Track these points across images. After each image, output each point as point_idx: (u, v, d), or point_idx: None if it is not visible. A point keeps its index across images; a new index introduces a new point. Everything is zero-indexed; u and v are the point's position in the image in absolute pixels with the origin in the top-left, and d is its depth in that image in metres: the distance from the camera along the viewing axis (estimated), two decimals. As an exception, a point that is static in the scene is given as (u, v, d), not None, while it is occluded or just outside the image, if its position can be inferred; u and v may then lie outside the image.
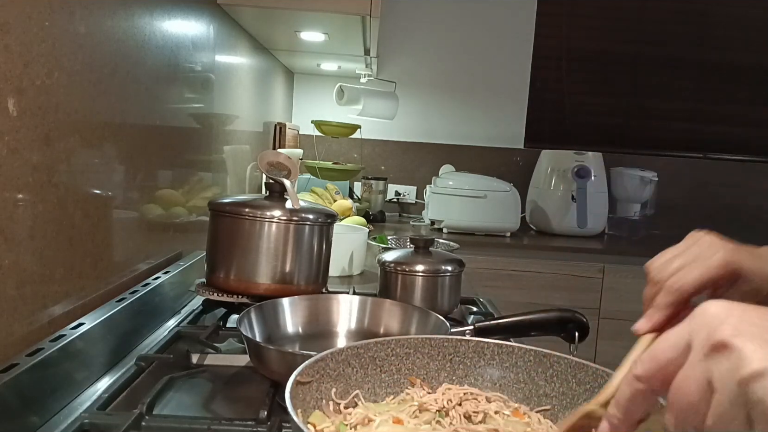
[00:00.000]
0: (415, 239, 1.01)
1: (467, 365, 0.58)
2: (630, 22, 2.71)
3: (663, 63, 2.73)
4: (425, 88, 2.70)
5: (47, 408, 0.59)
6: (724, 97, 2.74)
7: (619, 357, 0.44)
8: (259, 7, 1.38)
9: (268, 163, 0.92)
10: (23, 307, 0.64)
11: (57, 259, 0.70)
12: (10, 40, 0.59)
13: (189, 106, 1.19)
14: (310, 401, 0.49)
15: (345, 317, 0.82)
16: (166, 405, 0.64)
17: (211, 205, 0.90)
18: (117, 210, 0.87)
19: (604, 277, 2.08)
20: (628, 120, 2.76)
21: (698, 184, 2.71)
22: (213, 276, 0.89)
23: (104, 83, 0.80)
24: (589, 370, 0.54)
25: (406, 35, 2.67)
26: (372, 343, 0.56)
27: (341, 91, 2.29)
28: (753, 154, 2.74)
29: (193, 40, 1.19)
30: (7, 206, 0.60)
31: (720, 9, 2.70)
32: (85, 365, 0.67)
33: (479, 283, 2.04)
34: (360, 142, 2.66)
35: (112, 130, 0.83)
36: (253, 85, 1.81)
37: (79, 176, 0.74)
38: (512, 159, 2.70)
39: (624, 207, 2.51)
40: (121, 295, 0.83)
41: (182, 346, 0.79)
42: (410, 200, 2.71)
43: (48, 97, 0.66)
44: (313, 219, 0.89)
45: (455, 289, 1.00)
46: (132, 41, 0.89)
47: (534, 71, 2.70)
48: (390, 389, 0.56)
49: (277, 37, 1.79)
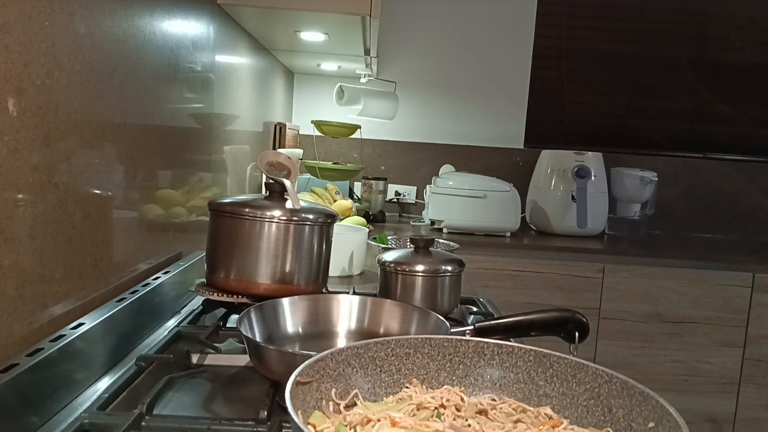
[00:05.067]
0: (415, 239, 1.01)
1: (467, 365, 0.58)
2: (630, 22, 2.71)
3: (663, 63, 2.73)
4: (425, 88, 2.70)
5: (47, 408, 0.59)
6: (724, 97, 2.74)
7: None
8: (259, 7, 1.38)
9: (268, 163, 0.92)
10: (23, 307, 0.64)
11: (57, 259, 0.70)
12: (10, 40, 0.59)
13: (189, 106, 1.19)
14: (310, 401, 0.49)
15: (345, 317, 0.82)
16: (166, 405, 0.64)
17: (211, 205, 0.90)
18: (117, 210, 0.87)
19: (604, 277, 2.08)
20: (628, 120, 2.76)
21: (698, 184, 2.71)
22: (213, 276, 0.89)
23: (104, 83, 0.80)
24: (589, 370, 0.54)
25: (406, 35, 2.67)
26: (372, 343, 0.56)
27: (341, 91, 2.29)
28: (753, 154, 2.74)
29: (193, 40, 1.19)
30: (7, 206, 0.60)
31: (720, 9, 2.70)
32: (85, 365, 0.67)
33: (479, 283, 2.04)
34: (360, 142, 2.66)
35: (112, 130, 0.83)
36: (253, 85, 1.81)
37: (79, 176, 0.74)
38: (512, 159, 2.70)
39: (624, 207, 2.51)
40: (121, 295, 0.83)
41: (182, 346, 0.79)
42: (410, 200, 2.71)
43: (48, 97, 0.66)
44: (313, 219, 0.89)
45: (455, 289, 1.00)
46: (132, 41, 0.89)
47: (534, 71, 2.70)
48: (390, 389, 0.56)
49: (277, 37, 1.79)
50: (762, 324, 2.10)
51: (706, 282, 2.09)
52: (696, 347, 2.11)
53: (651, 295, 2.09)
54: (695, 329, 2.10)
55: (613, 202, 2.47)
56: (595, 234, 2.36)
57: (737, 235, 2.72)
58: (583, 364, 0.54)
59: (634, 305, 2.09)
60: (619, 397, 0.50)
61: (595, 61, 2.73)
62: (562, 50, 2.72)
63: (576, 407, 0.53)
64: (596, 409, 0.52)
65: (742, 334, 2.10)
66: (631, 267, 2.09)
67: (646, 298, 2.09)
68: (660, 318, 2.09)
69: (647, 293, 2.09)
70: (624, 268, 2.08)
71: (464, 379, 0.57)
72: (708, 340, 2.10)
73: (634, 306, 2.09)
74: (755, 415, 2.12)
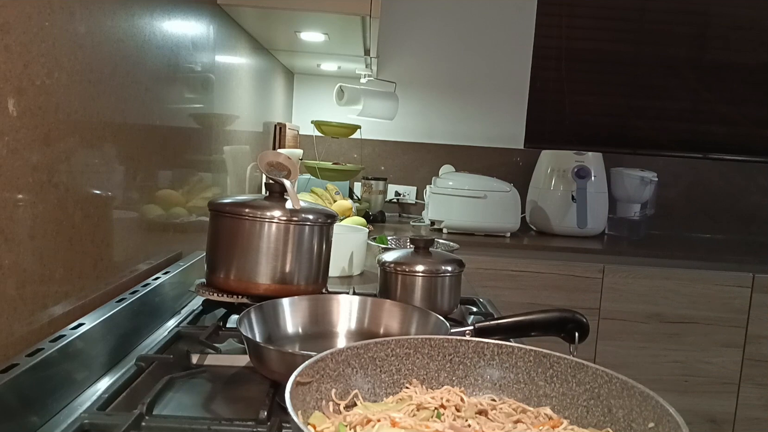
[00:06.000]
0: (415, 239, 1.01)
1: (467, 365, 0.58)
2: (630, 22, 2.71)
3: (663, 63, 2.73)
4: (425, 88, 2.70)
5: (47, 408, 0.59)
6: (724, 97, 2.74)
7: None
8: (259, 8, 1.38)
9: (268, 164, 0.92)
10: (23, 307, 0.64)
11: (57, 259, 0.70)
12: (10, 40, 0.59)
13: (189, 106, 1.19)
14: (310, 402, 0.49)
15: (345, 317, 0.82)
16: (166, 405, 0.64)
17: (211, 206, 0.90)
18: (117, 210, 0.87)
19: (604, 277, 2.08)
20: (628, 120, 2.76)
21: (698, 184, 2.72)
22: (213, 276, 0.89)
23: (104, 83, 0.80)
24: (589, 370, 0.54)
25: (406, 35, 2.67)
26: (372, 343, 0.56)
27: (341, 92, 2.29)
28: (753, 154, 2.74)
29: (193, 41, 1.19)
30: (7, 206, 0.60)
31: (720, 9, 2.70)
32: (85, 365, 0.67)
33: (479, 283, 2.04)
34: (360, 142, 2.66)
35: (112, 130, 0.83)
36: (253, 86, 1.81)
37: (79, 176, 0.74)
38: (512, 159, 2.70)
39: (624, 207, 2.51)
40: (121, 296, 0.83)
41: (182, 346, 0.79)
42: (410, 200, 2.71)
43: (48, 97, 0.66)
44: (313, 219, 0.89)
45: (455, 289, 1.00)
46: (132, 41, 0.89)
47: (534, 71, 2.70)
48: (390, 390, 0.56)
49: (277, 38, 1.79)
50: (762, 324, 2.10)
51: (706, 282, 2.09)
52: (696, 347, 2.11)
53: (651, 295, 2.09)
54: (695, 329, 2.10)
55: (613, 202, 2.47)
56: (595, 234, 2.36)
57: (737, 235, 2.72)
58: (583, 365, 0.54)
59: (634, 305, 2.09)
60: (619, 398, 0.50)
61: (595, 61, 2.73)
62: (562, 50, 2.72)
63: (576, 407, 0.53)
64: (596, 409, 0.52)
65: (742, 334, 2.10)
66: (631, 267, 2.09)
67: (646, 298, 2.09)
68: (660, 318, 2.09)
69: (647, 293, 2.09)
70: (624, 268, 2.09)
71: (464, 380, 0.57)
72: (708, 340, 2.10)
73: (634, 306, 2.09)
74: (755, 415, 2.12)
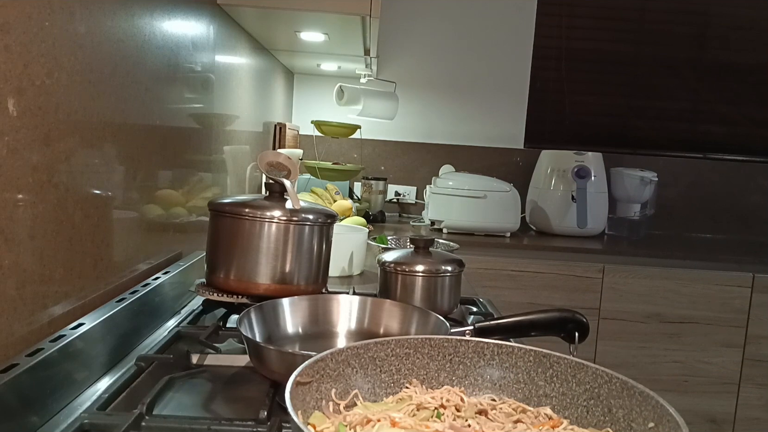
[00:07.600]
0: (415, 239, 1.01)
1: (467, 365, 0.58)
2: (630, 22, 2.71)
3: (663, 63, 2.73)
4: (425, 88, 2.70)
5: (47, 408, 0.59)
6: (724, 97, 2.74)
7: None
8: (259, 8, 1.38)
9: (268, 164, 0.92)
10: (23, 307, 0.64)
11: (57, 259, 0.70)
12: (10, 40, 0.59)
13: (189, 106, 1.19)
14: (310, 402, 0.49)
15: (345, 317, 0.82)
16: (166, 405, 0.64)
17: (211, 205, 0.90)
18: (117, 210, 0.87)
19: (604, 277, 2.08)
20: (628, 120, 2.76)
21: (698, 184, 2.72)
22: (213, 276, 0.89)
23: (104, 83, 0.80)
24: (589, 370, 0.54)
25: (406, 35, 2.67)
26: (372, 343, 0.56)
27: (341, 91, 2.29)
28: (753, 154, 2.74)
29: (193, 41, 1.19)
30: (7, 206, 0.60)
31: (720, 9, 2.70)
32: (85, 365, 0.67)
33: (479, 283, 2.04)
34: (360, 142, 2.66)
35: (112, 130, 0.83)
36: (253, 86, 1.81)
37: (79, 176, 0.74)
38: (512, 159, 2.70)
39: (624, 207, 2.51)
40: (121, 296, 0.83)
41: (182, 346, 0.79)
42: (410, 200, 2.71)
43: (48, 97, 0.66)
44: (313, 219, 0.89)
45: (455, 289, 1.00)
46: (132, 41, 0.89)
47: (534, 71, 2.70)
48: (390, 389, 0.56)
49: (277, 38, 1.79)
50: (762, 324, 2.10)
51: (706, 282, 2.09)
52: (696, 347, 2.11)
53: (651, 295, 2.09)
54: (695, 329, 2.10)
55: (613, 202, 2.47)
56: (595, 234, 2.36)
57: (737, 235, 2.72)
58: (583, 365, 0.54)
59: (634, 305, 2.09)
60: (619, 398, 0.50)
61: (595, 61, 2.73)
62: (562, 50, 2.72)
63: (576, 407, 0.53)
64: (596, 409, 0.52)
65: (742, 335, 2.10)
66: (631, 267, 2.09)
67: (646, 298, 2.09)
68: (660, 318, 2.09)
69: (647, 293, 2.09)
70: (624, 268, 2.09)
71: (464, 380, 0.57)
72: (708, 341, 2.10)
73: (634, 306, 2.09)
74: (755, 415, 2.12)
